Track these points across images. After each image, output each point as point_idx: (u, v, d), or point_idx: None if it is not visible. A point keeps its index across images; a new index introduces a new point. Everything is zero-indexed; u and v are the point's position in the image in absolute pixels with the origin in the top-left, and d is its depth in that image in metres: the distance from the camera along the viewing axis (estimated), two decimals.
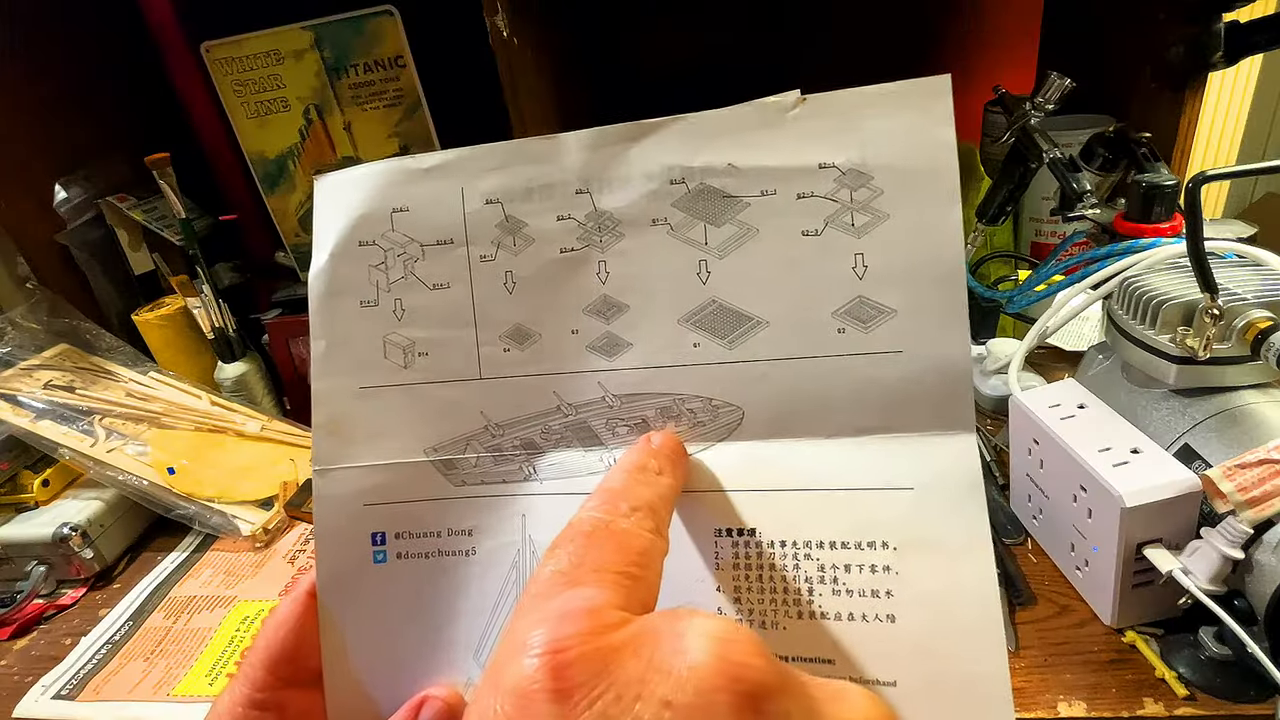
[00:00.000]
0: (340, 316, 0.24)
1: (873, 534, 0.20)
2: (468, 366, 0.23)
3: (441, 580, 0.23)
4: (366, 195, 0.24)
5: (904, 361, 0.20)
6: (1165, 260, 0.48)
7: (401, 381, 0.24)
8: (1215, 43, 0.58)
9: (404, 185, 0.24)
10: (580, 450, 0.23)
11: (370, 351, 0.24)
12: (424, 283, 0.24)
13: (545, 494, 0.23)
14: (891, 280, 0.20)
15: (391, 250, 0.24)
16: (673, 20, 0.85)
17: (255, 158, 0.81)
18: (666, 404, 0.22)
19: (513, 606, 0.23)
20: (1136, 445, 0.43)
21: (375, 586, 0.24)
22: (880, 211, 0.21)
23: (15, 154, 0.75)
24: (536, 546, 0.23)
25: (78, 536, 0.61)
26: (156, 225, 0.81)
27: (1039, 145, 0.59)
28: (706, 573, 0.21)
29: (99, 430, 0.66)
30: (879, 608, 0.19)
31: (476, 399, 0.24)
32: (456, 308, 0.24)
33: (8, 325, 0.71)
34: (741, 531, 0.21)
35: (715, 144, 0.22)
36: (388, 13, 0.74)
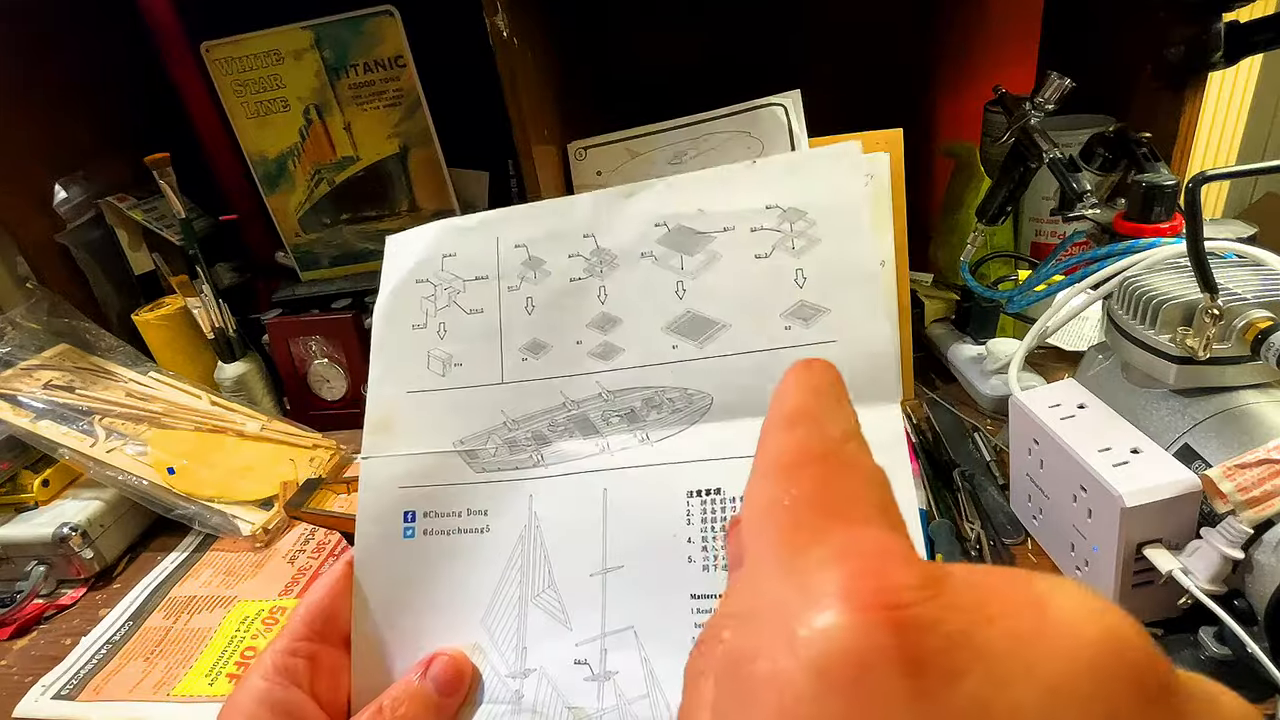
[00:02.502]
0: (396, 336, 0.30)
1: None
2: (492, 373, 0.29)
3: (459, 554, 0.28)
4: (424, 245, 0.31)
5: (838, 348, 0.25)
6: (1165, 260, 0.48)
7: (440, 387, 0.29)
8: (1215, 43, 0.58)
9: (453, 236, 0.30)
10: (580, 439, 0.28)
11: (418, 363, 0.30)
12: (463, 309, 0.30)
13: (549, 476, 0.28)
14: (825, 288, 0.26)
15: (440, 285, 0.30)
16: (672, 20, 0.85)
17: (255, 158, 0.81)
18: (650, 395, 0.27)
19: (518, 579, 0.27)
20: (1136, 445, 0.43)
21: (403, 558, 0.28)
22: (814, 238, 0.27)
23: (15, 154, 0.75)
24: (540, 521, 0.27)
25: (78, 536, 0.61)
26: (156, 225, 0.81)
27: (1039, 145, 0.59)
28: (681, 526, 0.25)
29: (99, 430, 0.66)
30: None
31: (498, 399, 0.29)
32: (487, 327, 0.29)
33: (8, 325, 0.71)
34: (708, 491, 0.25)
35: (688, 195, 0.28)
36: (388, 13, 0.74)
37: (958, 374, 0.70)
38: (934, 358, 0.74)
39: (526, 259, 0.29)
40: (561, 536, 0.27)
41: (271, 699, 0.24)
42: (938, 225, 0.79)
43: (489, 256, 0.30)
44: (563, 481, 0.27)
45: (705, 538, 0.25)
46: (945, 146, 0.78)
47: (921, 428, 0.64)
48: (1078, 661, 0.11)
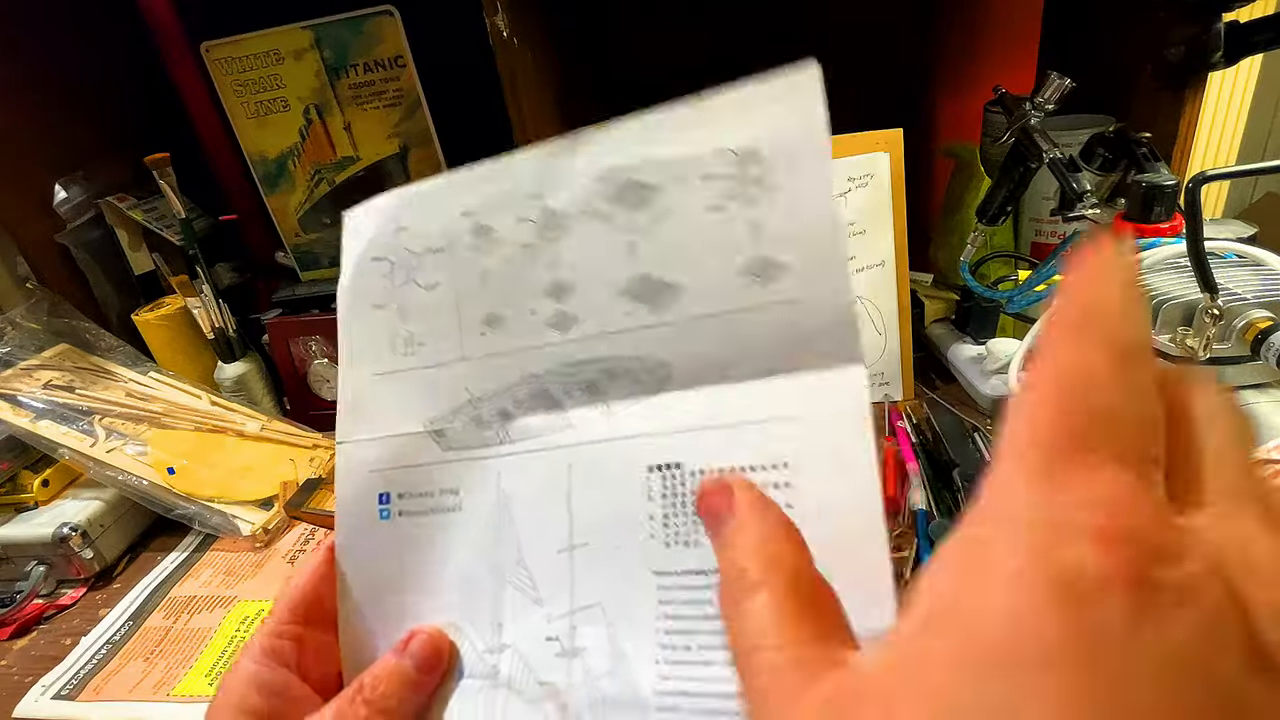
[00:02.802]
0: (360, 317, 0.30)
1: (775, 457, 0.23)
2: (453, 350, 0.28)
3: (434, 533, 0.28)
4: (377, 220, 0.30)
5: (800, 308, 0.23)
6: (1165, 260, 0.48)
7: (405, 367, 0.29)
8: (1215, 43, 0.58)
9: (404, 208, 0.29)
10: (544, 414, 0.27)
11: (382, 344, 0.29)
12: (420, 285, 0.29)
13: (516, 453, 0.27)
14: (785, 241, 0.24)
15: (397, 262, 0.29)
16: (672, 20, 0.85)
17: (255, 158, 0.81)
18: (609, 366, 0.26)
19: (490, 557, 0.27)
20: None
21: (380, 540, 0.28)
22: (771, 184, 0.24)
23: (16, 153, 0.75)
24: (509, 499, 0.27)
25: (78, 536, 0.61)
26: (156, 225, 0.81)
27: (1039, 145, 0.59)
28: (643, 503, 0.25)
29: (99, 430, 0.66)
30: None
31: (462, 376, 0.28)
32: (443, 303, 0.28)
33: (8, 325, 0.71)
34: (668, 465, 0.25)
35: (635, 144, 0.26)
36: (388, 13, 0.74)
37: (958, 374, 0.70)
38: (934, 358, 0.74)
39: (475, 227, 0.28)
40: (529, 514, 0.26)
41: (260, 680, 0.25)
42: (938, 225, 0.79)
43: (440, 227, 0.28)
44: (528, 459, 0.27)
45: (667, 514, 0.24)
46: (945, 146, 0.78)
47: (921, 428, 0.64)
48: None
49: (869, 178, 0.67)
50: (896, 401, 0.69)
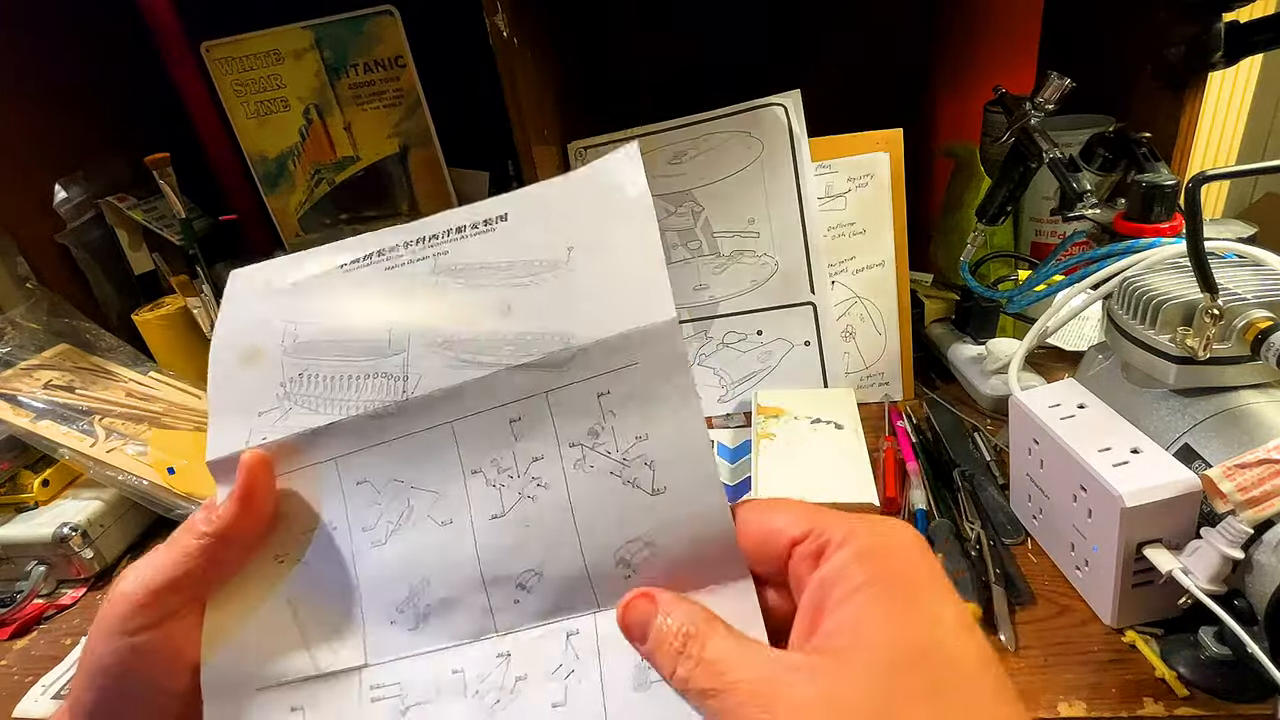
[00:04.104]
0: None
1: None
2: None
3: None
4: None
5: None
6: (1165, 260, 0.48)
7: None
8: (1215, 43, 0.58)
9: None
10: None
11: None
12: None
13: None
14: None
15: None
16: (672, 20, 0.85)
17: (255, 158, 0.81)
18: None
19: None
20: (1136, 445, 0.43)
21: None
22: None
23: (15, 153, 0.75)
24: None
25: (78, 536, 0.61)
26: (156, 225, 0.81)
27: (1039, 145, 0.59)
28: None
29: (99, 430, 0.66)
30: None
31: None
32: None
33: (8, 325, 0.71)
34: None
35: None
36: (388, 13, 0.74)
37: (958, 374, 0.70)
38: (934, 358, 0.74)
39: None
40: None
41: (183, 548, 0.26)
42: (938, 225, 0.79)
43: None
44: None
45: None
46: (945, 146, 0.78)
47: (921, 428, 0.64)
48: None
49: (869, 178, 0.67)
50: (896, 401, 0.69)
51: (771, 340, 0.70)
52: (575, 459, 0.24)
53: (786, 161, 0.66)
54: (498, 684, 0.24)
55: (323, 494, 0.26)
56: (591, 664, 0.23)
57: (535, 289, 0.26)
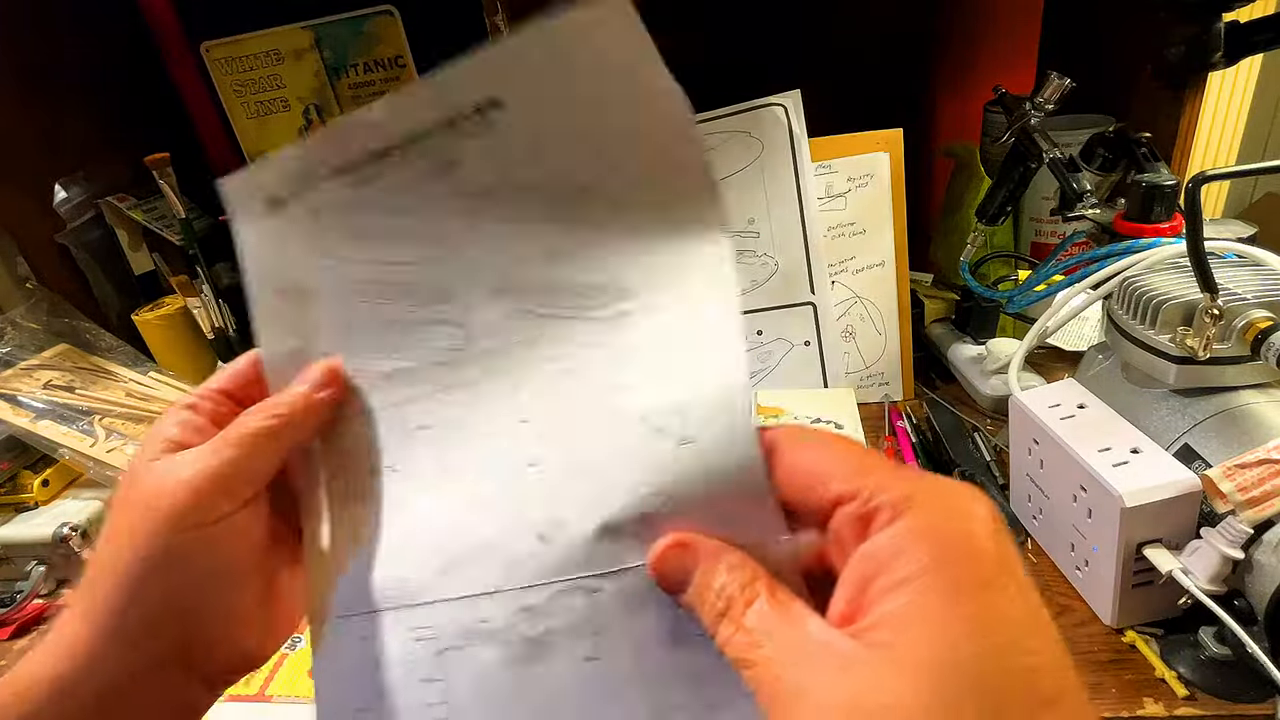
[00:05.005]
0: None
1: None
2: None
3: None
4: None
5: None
6: (1165, 260, 0.48)
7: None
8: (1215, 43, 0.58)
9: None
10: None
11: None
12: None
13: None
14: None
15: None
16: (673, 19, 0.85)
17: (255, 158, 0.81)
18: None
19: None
20: (1136, 445, 0.43)
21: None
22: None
23: (15, 154, 0.75)
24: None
25: (78, 536, 0.60)
26: (156, 225, 0.81)
27: (1039, 145, 0.59)
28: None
29: (99, 430, 0.66)
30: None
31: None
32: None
33: (8, 325, 0.71)
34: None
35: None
36: (388, 13, 0.74)
37: (958, 374, 0.70)
38: (934, 358, 0.74)
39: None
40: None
41: (180, 418, 0.26)
42: (938, 225, 0.79)
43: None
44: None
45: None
46: (945, 146, 0.78)
47: (921, 428, 0.64)
48: None
49: (869, 178, 0.67)
50: (896, 401, 0.69)
51: (771, 340, 0.70)
52: (613, 407, 0.24)
53: (786, 161, 0.66)
54: (525, 636, 0.23)
55: (388, 436, 0.27)
56: (620, 619, 0.22)
57: (578, 229, 0.24)
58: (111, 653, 0.24)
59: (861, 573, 0.18)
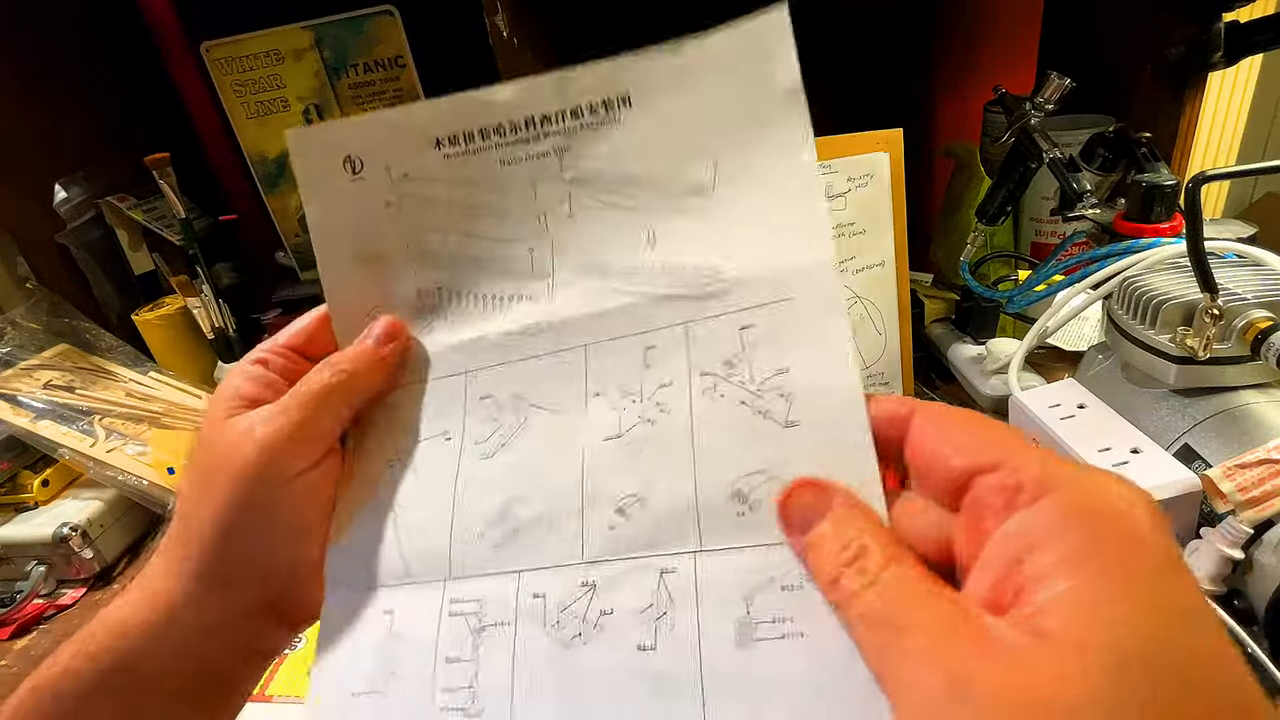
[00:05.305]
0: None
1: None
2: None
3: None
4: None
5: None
6: (1165, 260, 0.48)
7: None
8: (1215, 43, 0.58)
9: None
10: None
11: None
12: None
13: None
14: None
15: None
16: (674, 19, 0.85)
17: (255, 158, 0.81)
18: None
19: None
20: (1136, 445, 0.43)
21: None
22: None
23: (15, 154, 0.75)
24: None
25: (78, 536, 0.60)
26: (156, 225, 0.81)
27: (1039, 145, 0.59)
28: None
29: (99, 430, 0.66)
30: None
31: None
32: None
33: (8, 325, 0.71)
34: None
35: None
36: (388, 13, 0.74)
37: (958, 374, 0.70)
38: (934, 358, 0.74)
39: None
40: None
41: (249, 373, 0.27)
42: (938, 225, 0.79)
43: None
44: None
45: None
46: (945, 146, 0.78)
47: None
48: None
49: (869, 178, 0.67)
50: None
51: None
52: (705, 387, 0.23)
53: None
54: (579, 615, 0.22)
55: (446, 404, 0.27)
56: (686, 609, 0.21)
57: (680, 219, 0.24)
58: (203, 603, 0.25)
59: (1008, 552, 0.16)
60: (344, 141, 0.27)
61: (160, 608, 0.25)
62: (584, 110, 0.25)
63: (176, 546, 0.26)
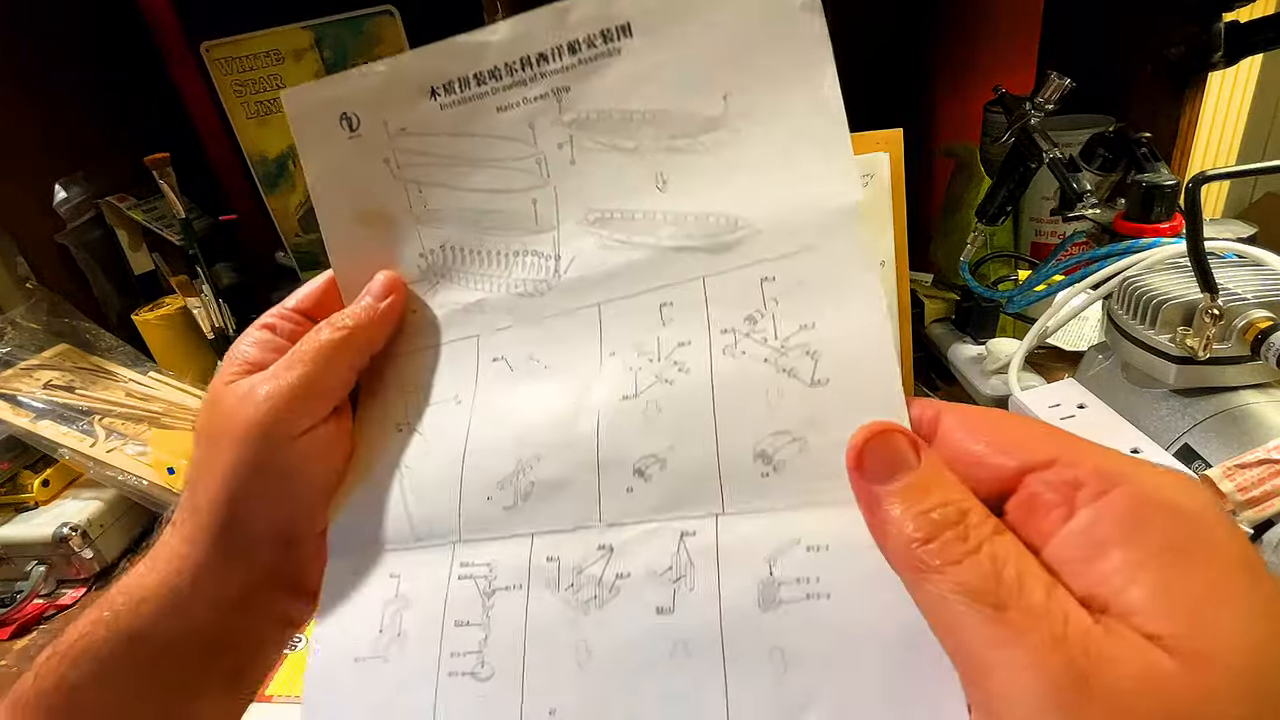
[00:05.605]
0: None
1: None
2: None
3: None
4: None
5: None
6: (1165, 260, 0.48)
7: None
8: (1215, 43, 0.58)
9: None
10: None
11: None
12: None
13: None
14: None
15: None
16: None
17: (255, 158, 0.81)
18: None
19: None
20: (1136, 445, 0.43)
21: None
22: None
23: (16, 154, 0.75)
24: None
25: (78, 536, 0.60)
26: (156, 225, 0.81)
27: (1039, 145, 0.59)
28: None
29: (99, 430, 0.66)
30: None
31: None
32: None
33: (8, 325, 0.71)
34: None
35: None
36: (388, 13, 0.74)
37: (958, 374, 0.70)
38: (934, 358, 0.74)
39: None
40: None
41: (257, 339, 0.27)
42: (938, 225, 0.79)
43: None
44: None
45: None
46: (945, 146, 0.78)
47: None
48: None
49: (869, 178, 0.67)
50: None
51: None
52: (725, 345, 0.22)
53: None
54: (595, 578, 0.21)
55: (456, 368, 0.26)
56: (707, 572, 0.20)
57: (692, 157, 0.23)
58: (218, 569, 0.25)
59: (1078, 550, 0.15)
60: (339, 98, 0.26)
61: (173, 574, 0.25)
62: (581, 44, 0.23)
63: (187, 513, 0.25)
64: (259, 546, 0.25)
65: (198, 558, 0.25)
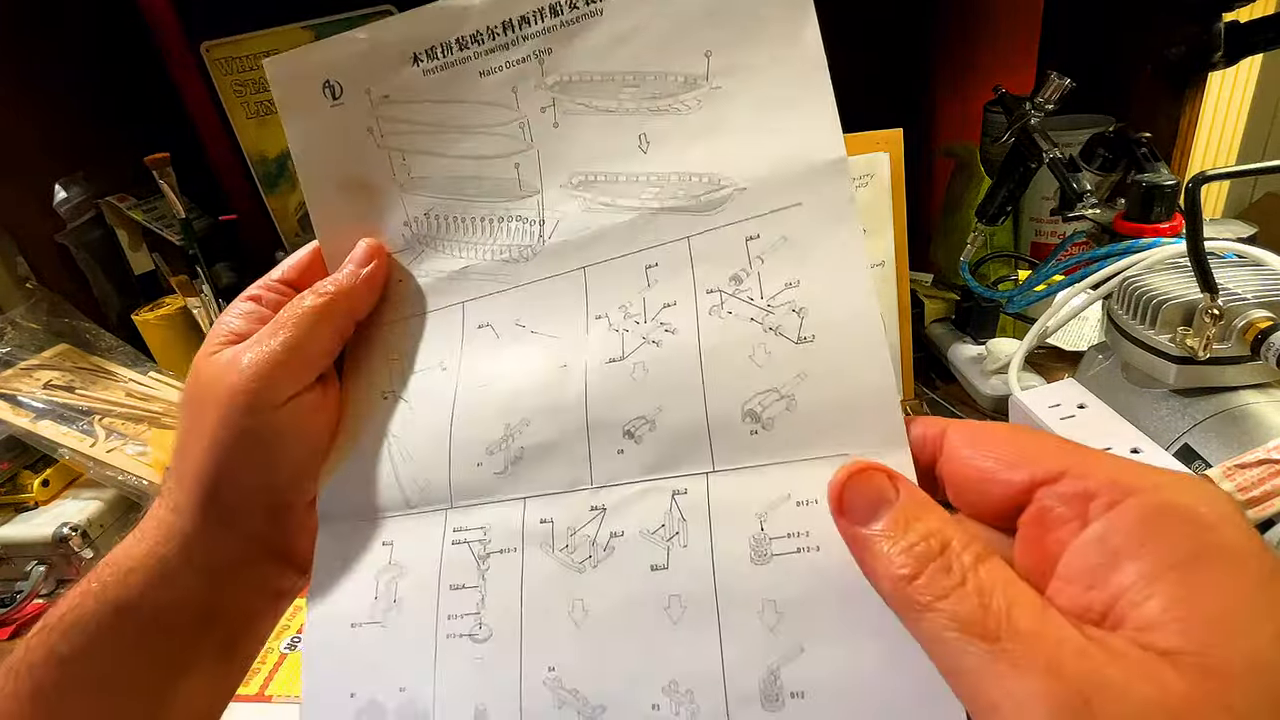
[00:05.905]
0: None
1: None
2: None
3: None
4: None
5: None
6: (1165, 260, 0.48)
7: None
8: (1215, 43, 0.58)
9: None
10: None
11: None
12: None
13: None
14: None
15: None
16: None
17: (255, 158, 0.81)
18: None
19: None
20: (1136, 445, 0.43)
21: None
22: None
23: (15, 154, 0.75)
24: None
25: (78, 537, 0.60)
26: (156, 225, 0.81)
27: (1039, 145, 0.59)
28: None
29: (99, 430, 0.66)
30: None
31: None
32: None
33: (8, 325, 0.71)
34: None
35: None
36: (387, 13, 0.74)
37: (958, 374, 0.70)
38: (934, 358, 0.74)
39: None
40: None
41: (242, 310, 0.27)
42: (938, 225, 0.79)
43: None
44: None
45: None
46: (945, 146, 0.78)
47: None
48: None
49: (869, 178, 0.67)
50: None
51: None
52: (711, 305, 0.22)
53: None
54: (589, 538, 0.22)
55: (442, 335, 0.26)
56: (699, 529, 0.21)
57: (674, 117, 0.23)
58: (206, 537, 0.25)
59: (1091, 562, 0.15)
60: (321, 65, 0.26)
61: (160, 543, 0.25)
62: (563, 5, 0.23)
63: (173, 482, 0.25)
64: (246, 515, 0.25)
65: (184, 526, 0.25)
